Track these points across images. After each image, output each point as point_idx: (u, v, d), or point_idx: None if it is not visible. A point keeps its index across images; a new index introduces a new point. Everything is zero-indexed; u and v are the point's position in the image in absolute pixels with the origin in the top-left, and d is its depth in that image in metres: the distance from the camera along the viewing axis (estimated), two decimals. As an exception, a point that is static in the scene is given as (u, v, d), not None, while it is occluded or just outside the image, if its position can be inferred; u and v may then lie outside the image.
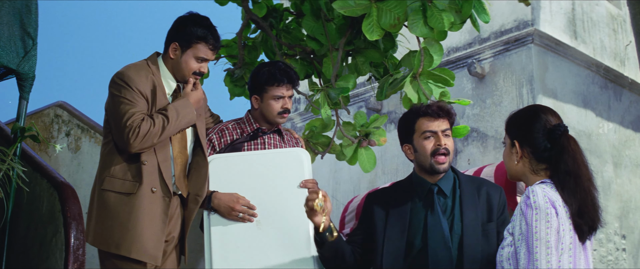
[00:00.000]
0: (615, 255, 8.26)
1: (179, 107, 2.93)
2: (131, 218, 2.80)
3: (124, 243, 2.79)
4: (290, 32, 4.25)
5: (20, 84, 3.77)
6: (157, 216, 2.86)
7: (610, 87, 9.00)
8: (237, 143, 3.26)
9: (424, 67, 3.57)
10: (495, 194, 2.72)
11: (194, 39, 2.99)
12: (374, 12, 3.40)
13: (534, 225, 2.16)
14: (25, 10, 3.75)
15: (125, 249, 2.79)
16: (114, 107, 2.87)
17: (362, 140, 3.84)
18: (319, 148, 3.97)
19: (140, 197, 2.83)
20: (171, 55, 3.01)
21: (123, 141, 2.82)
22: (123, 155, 2.88)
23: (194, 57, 3.01)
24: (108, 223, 2.82)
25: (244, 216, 2.94)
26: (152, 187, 2.86)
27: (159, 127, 2.84)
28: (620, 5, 9.56)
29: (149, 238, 2.82)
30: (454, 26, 3.40)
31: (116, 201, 2.83)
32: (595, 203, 2.25)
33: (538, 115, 2.37)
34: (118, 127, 2.83)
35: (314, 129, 3.96)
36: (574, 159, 2.27)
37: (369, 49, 3.92)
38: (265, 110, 3.31)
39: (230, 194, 2.97)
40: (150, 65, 3.00)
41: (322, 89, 3.81)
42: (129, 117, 2.81)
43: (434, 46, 3.57)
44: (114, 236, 2.80)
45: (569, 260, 2.19)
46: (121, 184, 2.85)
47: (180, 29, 3.02)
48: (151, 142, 2.84)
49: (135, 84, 2.88)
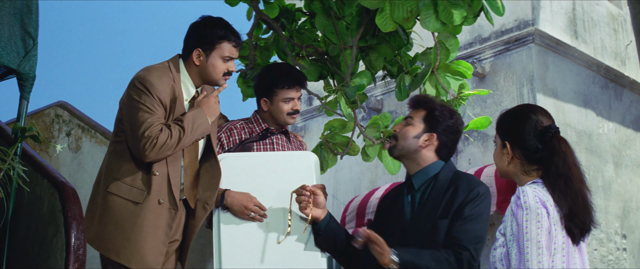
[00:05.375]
0: (615, 255, 8.26)
1: (194, 118, 2.88)
2: (135, 228, 2.78)
3: (125, 251, 2.77)
4: (302, 32, 4.20)
5: (20, 84, 3.77)
6: (161, 228, 2.84)
7: (610, 87, 9.00)
8: (247, 143, 3.27)
9: (441, 60, 3.53)
10: (463, 191, 2.65)
11: (216, 40, 2.94)
12: (387, 6, 3.40)
13: (525, 226, 2.15)
14: (25, 10, 3.75)
15: (125, 259, 2.77)
16: (132, 113, 2.82)
17: (386, 142, 3.79)
18: (338, 149, 3.91)
19: (146, 208, 2.80)
20: (196, 62, 2.95)
21: (138, 150, 2.78)
22: (134, 161, 2.84)
23: (220, 58, 2.95)
24: (110, 228, 2.80)
25: (255, 216, 2.95)
26: (159, 199, 2.83)
27: (175, 139, 2.80)
28: (621, 5, 9.56)
29: (149, 250, 2.80)
30: (466, 20, 3.36)
31: (121, 207, 2.80)
32: (587, 204, 2.23)
33: (528, 116, 2.34)
34: (135, 135, 2.79)
35: (333, 129, 3.90)
36: (564, 161, 2.25)
37: (382, 44, 3.89)
38: (275, 112, 3.33)
39: (244, 193, 2.97)
40: (172, 69, 2.94)
41: (338, 88, 3.78)
42: (148, 127, 2.76)
43: (449, 39, 3.55)
44: (115, 243, 2.78)
45: (562, 260, 2.18)
46: (128, 191, 2.82)
47: (199, 34, 2.97)
48: (167, 154, 2.81)
49: (156, 91, 2.82)
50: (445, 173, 2.75)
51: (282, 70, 3.40)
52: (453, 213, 2.62)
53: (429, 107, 2.82)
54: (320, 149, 3.91)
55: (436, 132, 2.78)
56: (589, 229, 2.24)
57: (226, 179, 3.01)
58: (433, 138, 2.78)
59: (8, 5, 3.68)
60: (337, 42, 3.89)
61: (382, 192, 7.34)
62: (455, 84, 3.56)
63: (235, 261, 2.89)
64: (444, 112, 2.81)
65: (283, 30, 4.16)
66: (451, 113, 2.84)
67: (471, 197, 2.64)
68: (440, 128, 2.78)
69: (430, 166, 2.77)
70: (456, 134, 2.84)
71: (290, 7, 4.24)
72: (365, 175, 9.12)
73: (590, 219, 2.24)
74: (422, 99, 2.88)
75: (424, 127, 2.78)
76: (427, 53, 3.69)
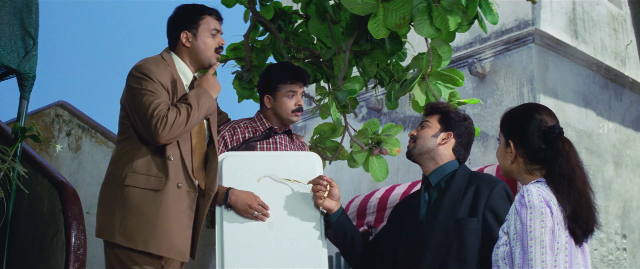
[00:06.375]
0: (616, 255, 8.26)
1: (198, 95, 2.89)
2: (159, 215, 2.76)
3: (153, 240, 2.75)
4: (299, 35, 4.20)
5: (20, 84, 3.77)
6: (183, 211, 2.84)
7: (611, 87, 9.00)
8: (251, 141, 3.28)
9: (433, 67, 3.54)
10: (486, 190, 2.70)
11: (198, 17, 2.97)
12: (381, 11, 3.39)
13: (529, 225, 2.15)
14: (26, 10, 3.75)
15: (154, 247, 2.75)
16: (137, 100, 2.81)
17: (374, 148, 3.76)
18: (327, 153, 3.90)
19: (166, 193, 2.79)
20: (186, 44, 2.97)
21: (150, 132, 2.76)
22: (146, 150, 2.83)
23: (208, 32, 2.97)
24: (134, 220, 2.77)
25: (259, 215, 2.95)
26: (178, 183, 2.83)
27: (184, 116, 2.79)
28: (621, 5, 9.56)
29: (177, 234, 2.80)
30: (461, 27, 3.37)
31: (142, 197, 2.78)
32: (590, 205, 2.23)
33: (533, 116, 2.34)
34: (144, 119, 2.77)
35: (323, 133, 3.90)
36: (568, 162, 2.25)
37: (376, 50, 3.89)
38: (279, 108, 3.34)
39: (248, 192, 2.98)
40: (166, 59, 2.96)
41: (330, 92, 3.78)
42: (155, 107, 2.76)
43: (442, 46, 3.54)
44: (141, 233, 2.75)
45: (565, 260, 2.17)
46: (145, 180, 2.80)
47: (180, 18, 3.00)
48: (179, 132, 2.79)
49: (156, 75, 2.83)
50: (462, 172, 2.82)
51: (285, 66, 3.45)
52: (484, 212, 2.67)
53: (444, 110, 2.93)
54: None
55: (453, 131, 2.89)
56: (592, 231, 2.23)
57: (229, 178, 3.02)
58: (450, 136, 2.88)
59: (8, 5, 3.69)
60: (331, 45, 3.89)
61: (382, 193, 7.34)
62: (446, 92, 3.56)
63: (237, 260, 2.89)
64: (458, 114, 2.94)
65: (279, 33, 4.16)
66: (464, 117, 2.95)
67: (499, 193, 2.70)
68: (456, 128, 2.89)
69: (447, 164, 2.85)
70: (470, 135, 2.95)
71: (286, 9, 4.24)
72: (366, 175, 9.12)
73: (594, 220, 2.24)
74: (436, 104, 2.99)
75: (441, 127, 2.89)
76: (419, 59, 3.68)
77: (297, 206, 2.99)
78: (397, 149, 3.79)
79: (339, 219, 2.96)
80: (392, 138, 3.77)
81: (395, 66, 4.02)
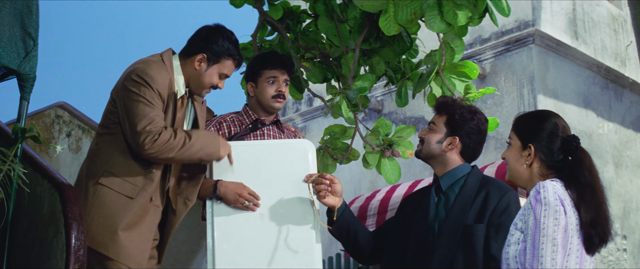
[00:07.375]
0: (616, 255, 8.25)
1: (206, 137, 2.83)
2: (124, 223, 2.75)
3: (113, 245, 2.74)
4: (307, 34, 4.16)
5: (21, 85, 3.76)
6: (147, 224, 2.81)
7: (611, 88, 9.00)
8: (238, 136, 3.24)
9: (446, 61, 3.50)
10: (495, 196, 2.68)
11: (224, 55, 2.92)
12: (391, 8, 3.37)
13: (542, 221, 2.12)
14: (26, 11, 3.74)
15: (113, 252, 2.74)
16: (132, 106, 2.75)
17: (385, 150, 3.71)
18: (337, 154, 3.84)
19: (137, 204, 2.77)
20: (196, 66, 2.91)
21: (137, 143, 2.71)
22: (129, 155, 2.78)
23: (219, 73, 2.94)
24: (99, 220, 2.76)
25: (249, 205, 2.91)
26: (152, 196, 2.81)
27: (178, 143, 2.73)
28: (621, 6, 9.56)
29: (137, 245, 2.78)
30: (472, 21, 3.33)
31: (113, 200, 2.76)
32: (607, 216, 2.22)
33: (556, 123, 2.33)
34: (134, 128, 2.73)
35: (333, 134, 3.84)
36: (590, 172, 2.24)
37: (385, 47, 3.86)
38: (260, 95, 3.30)
39: (237, 182, 2.93)
40: (166, 64, 2.89)
41: (340, 91, 3.73)
42: (150, 121, 2.71)
43: (454, 40, 3.52)
44: (104, 236, 2.75)
45: (576, 261, 2.15)
46: (120, 184, 2.77)
47: (210, 41, 2.93)
48: (165, 156, 2.74)
49: (156, 85, 2.77)
50: (474, 177, 2.79)
51: (268, 53, 3.43)
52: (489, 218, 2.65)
53: (450, 111, 2.85)
54: (319, 154, 3.84)
55: (458, 135, 2.82)
56: (607, 241, 2.21)
57: (218, 169, 2.97)
58: (456, 141, 2.81)
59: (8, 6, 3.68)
60: (340, 44, 3.86)
61: (383, 195, 7.33)
62: (461, 86, 3.53)
63: (229, 254, 2.86)
64: (464, 114, 2.84)
65: (288, 32, 4.13)
66: (472, 114, 2.86)
67: (507, 202, 2.67)
68: (462, 131, 2.82)
69: (457, 168, 2.81)
70: (479, 134, 2.86)
71: (295, 8, 4.20)
72: (366, 176, 9.11)
73: (609, 230, 2.22)
74: (443, 103, 2.91)
75: (446, 132, 2.83)
76: (432, 55, 3.66)
77: (288, 196, 2.94)
78: (410, 152, 3.70)
79: (342, 214, 2.93)
80: (405, 140, 3.71)
81: (407, 63, 3.99)
